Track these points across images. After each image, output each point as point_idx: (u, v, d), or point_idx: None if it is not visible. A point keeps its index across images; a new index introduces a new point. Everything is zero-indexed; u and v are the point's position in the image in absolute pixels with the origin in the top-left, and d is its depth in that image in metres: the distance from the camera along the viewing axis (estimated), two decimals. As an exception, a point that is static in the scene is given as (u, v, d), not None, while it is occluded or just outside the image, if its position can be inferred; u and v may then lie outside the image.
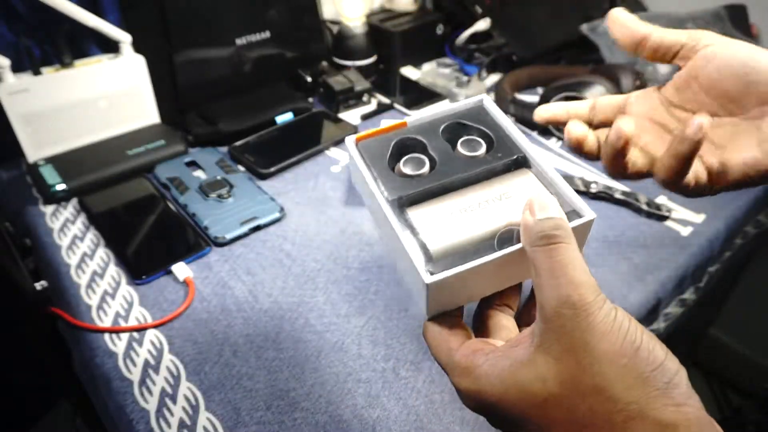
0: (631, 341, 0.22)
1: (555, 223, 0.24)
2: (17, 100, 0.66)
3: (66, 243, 0.62)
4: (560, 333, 0.23)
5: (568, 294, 0.23)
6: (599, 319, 0.22)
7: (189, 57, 0.78)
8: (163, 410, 0.45)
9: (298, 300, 0.55)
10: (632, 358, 0.22)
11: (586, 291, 0.23)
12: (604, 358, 0.22)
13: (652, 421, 0.21)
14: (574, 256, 0.24)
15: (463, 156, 0.31)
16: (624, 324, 0.23)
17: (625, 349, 0.22)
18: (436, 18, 1.03)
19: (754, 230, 0.77)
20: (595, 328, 0.22)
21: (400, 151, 0.31)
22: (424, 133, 0.32)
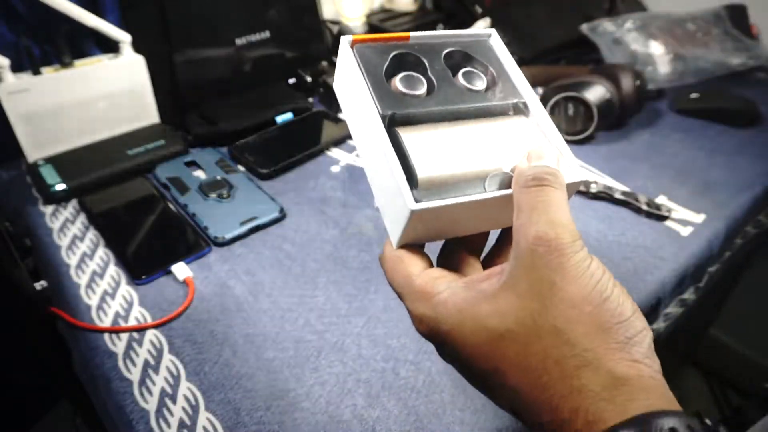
0: (600, 291, 0.22)
1: (549, 170, 0.24)
2: (17, 100, 0.66)
3: (66, 243, 0.62)
4: (530, 270, 0.22)
5: (545, 231, 0.22)
6: (572, 262, 0.22)
7: (189, 57, 0.78)
8: (162, 410, 0.45)
9: (298, 300, 0.55)
10: (598, 306, 0.21)
11: (563, 232, 0.22)
12: (568, 301, 0.21)
13: (606, 371, 0.21)
14: (560, 199, 0.23)
15: (462, 87, 0.29)
16: (597, 273, 0.22)
17: (592, 296, 0.22)
18: (436, 18, 1.03)
19: (754, 230, 0.77)
20: (566, 270, 0.22)
21: (397, 67, 0.29)
22: (426, 53, 0.30)
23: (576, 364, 0.21)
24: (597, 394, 0.20)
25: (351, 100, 0.29)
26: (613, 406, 0.20)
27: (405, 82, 0.28)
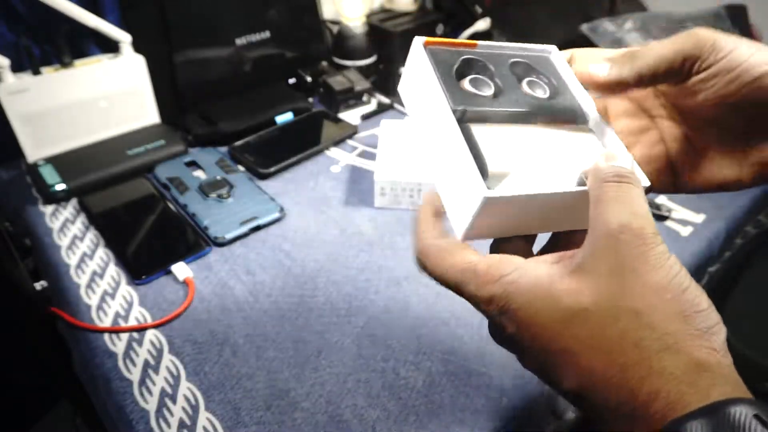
0: (679, 282, 0.22)
1: (628, 170, 0.25)
2: (17, 100, 0.66)
3: (66, 243, 0.62)
4: (611, 254, 0.22)
5: (629, 221, 0.22)
6: (654, 252, 0.22)
7: (189, 57, 0.78)
8: (162, 410, 0.45)
9: (298, 300, 0.55)
10: (678, 295, 0.21)
11: (647, 223, 0.23)
12: (650, 286, 0.22)
13: (687, 356, 0.21)
14: (641, 195, 0.24)
15: (527, 93, 0.31)
16: (675, 267, 0.22)
17: (672, 285, 0.22)
18: (436, 18, 1.03)
19: (754, 230, 0.77)
20: (647, 259, 0.22)
21: (465, 70, 0.30)
22: (492, 60, 0.31)
23: (657, 347, 0.21)
24: (678, 378, 0.20)
25: (420, 98, 0.30)
26: (694, 390, 0.20)
27: (474, 83, 0.29)
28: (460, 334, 0.52)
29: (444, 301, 0.55)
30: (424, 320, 0.53)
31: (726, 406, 0.19)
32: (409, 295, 0.56)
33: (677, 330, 0.21)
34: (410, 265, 0.60)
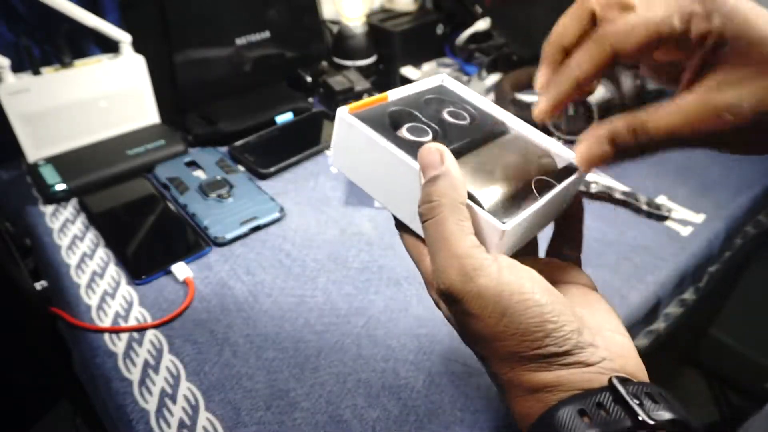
0: (507, 325, 0.24)
1: (429, 194, 0.26)
2: (17, 100, 0.66)
3: (66, 243, 0.62)
4: (450, 310, 0.27)
5: (437, 285, 0.26)
6: (471, 306, 0.25)
7: (189, 57, 0.78)
8: (162, 410, 0.45)
9: (298, 300, 0.55)
10: (507, 340, 0.24)
11: (449, 279, 0.25)
12: (482, 338, 0.25)
13: (527, 385, 0.25)
14: (442, 232, 0.25)
15: (455, 124, 0.32)
16: (502, 303, 0.24)
17: (500, 333, 0.24)
18: (436, 18, 1.03)
19: (754, 230, 0.77)
20: (469, 314, 0.25)
21: (396, 123, 0.31)
22: (410, 105, 0.32)
23: (507, 379, 0.25)
24: (523, 397, 0.25)
25: (367, 166, 0.30)
26: (538, 403, 0.24)
27: (413, 132, 0.30)
28: (460, 334, 0.52)
29: (444, 301, 0.55)
30: (424, 320, 0.53)
31: (554, 411, 0.23)
32: (409, 295, 0.56)
33: (514, 367, 0.25)
34: (410, 265, 0.59)
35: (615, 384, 0.23)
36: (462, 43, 1.00)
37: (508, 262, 0.25)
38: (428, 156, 0.26)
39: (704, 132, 0.25)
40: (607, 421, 0.22)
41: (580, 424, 0.22)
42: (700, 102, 0.24)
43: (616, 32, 0.25)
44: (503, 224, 0.26)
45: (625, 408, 0.22)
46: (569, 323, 0.24)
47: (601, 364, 0.24)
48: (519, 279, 0.24)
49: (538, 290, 0.24)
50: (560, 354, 0.24)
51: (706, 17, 0.23)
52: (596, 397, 0.23)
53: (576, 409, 0.23)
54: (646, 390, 0.23)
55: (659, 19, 0.24)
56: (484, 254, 0.25)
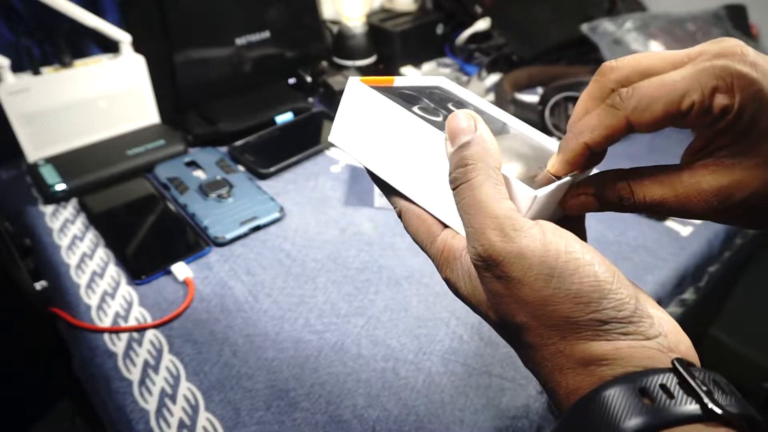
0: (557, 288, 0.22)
1: (462, 158, 0.25)
2: (17, 100, 0.66)
3: (66, 243, 0.62)
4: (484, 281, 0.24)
5: (474, 249, 0.24)
6: (514, 270, 0.23)
7: (189, 57, 0.78)
8: (162, 410, 0.45)
9: (298, 300, 0.55)
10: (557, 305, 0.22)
11: (489, 242, 0.23)
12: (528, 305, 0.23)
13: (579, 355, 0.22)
14: (478, 195, 0.24)
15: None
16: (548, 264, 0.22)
17: (549, 298, 0.22)
18: (436, 18, 1.03)
19: (754, 230, 0.77)
20: (511, 280, 0.23)
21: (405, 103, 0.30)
22: (417, 92, 0.32)
23: (552, 352, 0.23)
24: (574, 370, 0.22)
25: (378, 140, 0.29)
26: (590, 377, 0.22)
27: (425, 112, 0.29)
28: (460, 333, 0.52)
29: (444, 301, 0.55)
30: (424, 320, 0.53)
31: (605, 388, 0.21)
32: (409, 295, 0.56)
33: (565, 336, 0.22)
34: (410, 265, 0.60)
35: (678, 367, 0.21)
36: (462, 43, 1.00)
37: (551, 225, 0.23)
38: (459, 122, 0.25)
39: (691, 211, 0.24)
40: (671, 406, 0.20)
41: (639, 405, 0.20)
42: (692, 183, 0.24)
43: (635, 107, 0.23)
44: (535, 190, 0.24)
45: (692, 394, 0.20)
46: (626, 287, 0.22)
47: (659, 340, 0.22)
48: (566, 240, 0.23)
49: (587, 251, 0.23)
50: (619, 320, 0.22)
51: (729, 92, 0.22)
52: (660, 377, 0.20)
53: (635, 387, 0.20)
54: (714, 378, 0.21)
55: (680, 94, 0.22)
56: (523, 218, 0.23)
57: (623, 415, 0.20)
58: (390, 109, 0.27)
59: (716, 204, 0.23)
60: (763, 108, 0.21)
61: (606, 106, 0.24)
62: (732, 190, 0.23)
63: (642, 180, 0.25)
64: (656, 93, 0.23)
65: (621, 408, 0.20)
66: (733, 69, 0.21)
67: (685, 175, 0.24)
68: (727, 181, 0.23)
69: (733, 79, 0.21)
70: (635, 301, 0.22)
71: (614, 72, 0.25)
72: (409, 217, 0.28)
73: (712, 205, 0.24)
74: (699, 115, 0.22)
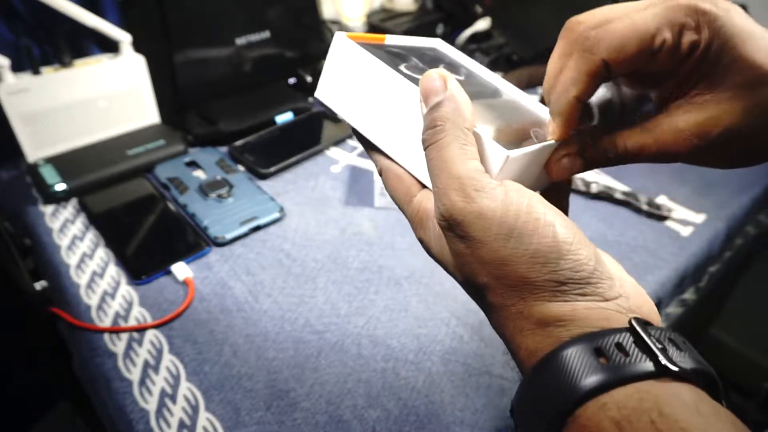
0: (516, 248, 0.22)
1: (433, 118, 0.24)
2: (17, 100, 0.66)
3: (66, 243, 0.62)
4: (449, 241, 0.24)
5: (438, 209, 0.24)
6: (475, 230, 0.23)
7: (189, 57, 0.78)
8: (162, 410, 0.45)
9: (298, 300, 0.55)
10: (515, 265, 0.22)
11: (450, 201, 0.23)
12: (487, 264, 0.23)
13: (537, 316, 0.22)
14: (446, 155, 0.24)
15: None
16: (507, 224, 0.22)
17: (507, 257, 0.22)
18: (436, 18, 1.03)
19: (754, 230, 0.77)
20: (473, 240, 0.23)
21: (391, 59, 0.29)
22: (408, 51, 0.31)
23: (512, 313, 0.23)
24: (533, 331, 0.22)
25: (362, 96, 0.28)
26: (549, 338, 0.22)
27: (412, 70, 0.29)
28: (460, 334, 0.52)
29: (444, 301, 0.55)
30: (424, 320, 0.53)
31: (562, 349, 0.21)
32: (409, 295, 0.56)
33: (524, 297, 0.22)
34: (410, 265, 0.60)
35: (635, 326, 0.21)
36: (462, 43, 1.00)
37: (516, 186, 0.23)
38: (431, 82, 0.25)
39: (673, 152, 0.25)
40: (626, 364, 0.20)
41: (594, 364, 0.20)
42: (669, 125, 0.24)
43: (608, 46, 0.24)
44: (507, 150, 0.24)
45: (646, 352, 0.20)
46: (585, 248, 0.22)
47: (618, 301, 0.22)
48: (528, 199, 0.23)
49: (549, 211, 0.23)
50: (576, 281, 0.22)
51: (696, 29, 0.23)
52: (615, 336, 0.21)
53: (591, 347, 0.20)
54: (670, 335, 0.21)
55: (652, 32, 0.23)
56: (487, 178, 0.23)
57: (581, 374, 0.20)
58: (372, 64, 0.27)
59: (696, 142, 0.24)
60: (727, 43, 0.22)
61: (580, 52, 0.25)
62: (708, 126, 0.23)
63: (621, 130, 0.26)
64: (628, 32, 0.23)
65: (578, 367, 0.20)
66: (698, 6, 0.22)
67: (661, 118, 0.25)
68: (703, 118, 0.24)
69: (698, 16, 0.23)
70: (594, 263, 0.22)
71: (582, 24, 0.25)
72: (389, 176, 0.28)
73: (691, 143, 0.24)
74: (669, 53, 0.23)
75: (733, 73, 0.23)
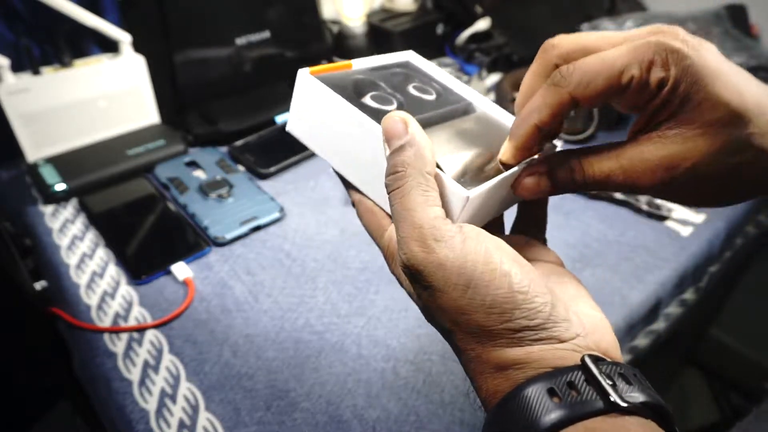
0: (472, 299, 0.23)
1: (394, 164, 0.25)
2: (17, 100, 0.66)
3: (66, 243, 0.62)
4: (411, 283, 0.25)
5: (401, 259, 0.24)
6: (435, 279, 0.23)
7: (189, 57, 0.78)
8: (162, 410, 0.45)
9: (298, 300, 0.55)
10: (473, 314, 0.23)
11: (411, 252, 0.24)
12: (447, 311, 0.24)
13: (495, 361, 0.23)
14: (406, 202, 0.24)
15: (419, 98, 0.31)
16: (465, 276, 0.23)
17: (465, 307, 0.23)
18: (436, 18, 1.03)
19: (754, 230, 0.77)
20: (433, 288, 0.24)
21: (360, 90, 0.29)
22: (374, 76, 0.31)
23: (472, 357, 0.24)
24: (491, 375, 0.24)
25: (327, 132, 0.29)
26: (506, 381, 0.23)
27: (377, 100, 0.29)
28: (460, 334, 0.52)
29: (444, 301, 0.55)
30: (424, 320, 0.53)
31: (520, 390, 0.22)
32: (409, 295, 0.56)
33: (482, 343, 0.24)
34: (410, 265, 0.59)
35: (587, 363, 0.22)
36: (462, 43, 1.00)
37: (475, 231, 0.24)
38: (392, 125, 0.25)
39: (639, 185, 0.25)
40: (578, 402, 0.21)
41: (549, 404, 0.21)
42: (637, 154, 0.25)
43: (577, 83, 0.24)
44: (467, 191, 0.25)
45: (597, 388, 0.21)
46: (541, 295, 0.23)
47: (575, 341, 0.23)
48: (485, 248, 0.23)
49: (506, 260, 0.23)
50: (531, 328, 0.23)
51: (664, 66, 0.23)
52: (567, 375, 0.22)
53: (545, 387, 0.21)
54: (620, 370, 0.22)
55: (620, 69, 0.23)
56: (448, 225, 0.24)
57: (539, 413, 0.21)
58: (334, 101, 0.27)
59: (662, 174, 0.24)
60: (696, 81, 0.23)
61: (549, 84, 0.25)
62: (676, 160, 0.24)
63: (589, 156, 0.26)
64: (597, 68, 0.23)
65: (536, 407, 0.21)
66: (667, 44, 0.23)
67: (629, 147, 0.25)
68: (670, 152, 0.24)
69: (667, 53, 0.23)
70: (550, 308, 0.23)
71: (556, 49, 0.25)
72: (361, 209, 0.29)
73: (657, 176, 0.24)
74: (638, 89, 0.23)
75: (703, 112, 0.23)
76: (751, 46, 0.94)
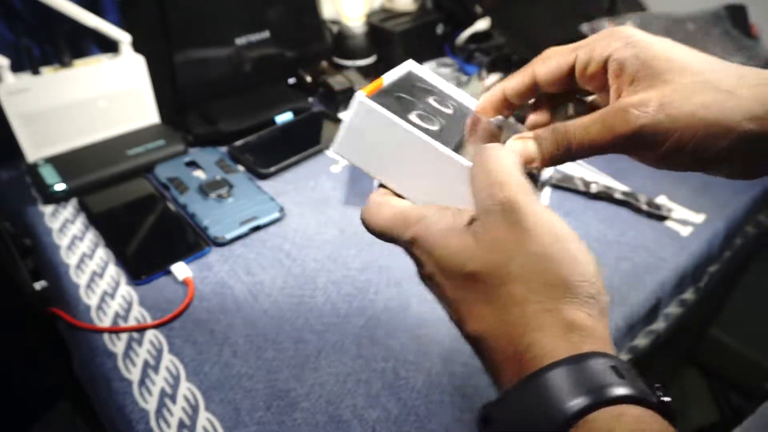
0: (559, 249, 0.24)
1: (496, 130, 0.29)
2: (17, 100, 0.66)
3: (65, 243, 0.62)
4: (491, 228, 0.25)
5: (498, 193, 0.25)
6: (530, 221, 0.24)
7: (189, 57, 0.78)
8: (162, 410, 0.45)
9: (298, 300, 0.55)
10: (558, 263, 0.24)
11: (512, 191, 0.25)
12: (530, 255, 0.24)
13: (563, 318, 0.23)
14: (507, 159, 0.27)
15: (446, 114, 0.33)
16: (555, 231, 0.24)
17: (553, 254, 0.24)
18: (436, 18, 1.03)
19: (754, 230, 0.77)
20: (523, 229, 0.24)
21: (404, 108, 0.31)
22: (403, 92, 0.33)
23: (538, 309, 0.24)
24: (554, 332, 0.23)
25: (387, 154, 0.30)
26: (566, 343, 0.23)
27: (422, 119, 0.30)
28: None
29: (444, 301, 0.55)
30: (424, 320, 0.53)
31: (589, 357, 0.22)
32: (409, 295, 0.56)
33: (557, 297, 0.23)
34: (410, 265, 0.59)
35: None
36: (462, 43, 1.00)
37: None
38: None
39: (621, 134, 0.27)
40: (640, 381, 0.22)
41: (616, 380, 0.22)
42: (612, 107, 0.28)
43: (540, 65, 0.31)
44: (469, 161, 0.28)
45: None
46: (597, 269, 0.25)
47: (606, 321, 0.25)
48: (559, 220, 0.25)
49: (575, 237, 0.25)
50: (593, 296, 0.24)
51: (606, 46, 0.28)
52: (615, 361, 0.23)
53: (609, 364, 0.22)
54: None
55: (569, 51, 0.30)
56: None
57: (608, 380, 0.21)
58: (398, 128, 0.29)
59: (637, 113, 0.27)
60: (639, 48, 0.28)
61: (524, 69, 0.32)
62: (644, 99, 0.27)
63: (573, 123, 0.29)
64: (552, 52, 0.31)
65: (605, 376, 0.22)
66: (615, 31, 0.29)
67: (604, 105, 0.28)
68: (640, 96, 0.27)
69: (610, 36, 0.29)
70: (600, 283, 0.25)
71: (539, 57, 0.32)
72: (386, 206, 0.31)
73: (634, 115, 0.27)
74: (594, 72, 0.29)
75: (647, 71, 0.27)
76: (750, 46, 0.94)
